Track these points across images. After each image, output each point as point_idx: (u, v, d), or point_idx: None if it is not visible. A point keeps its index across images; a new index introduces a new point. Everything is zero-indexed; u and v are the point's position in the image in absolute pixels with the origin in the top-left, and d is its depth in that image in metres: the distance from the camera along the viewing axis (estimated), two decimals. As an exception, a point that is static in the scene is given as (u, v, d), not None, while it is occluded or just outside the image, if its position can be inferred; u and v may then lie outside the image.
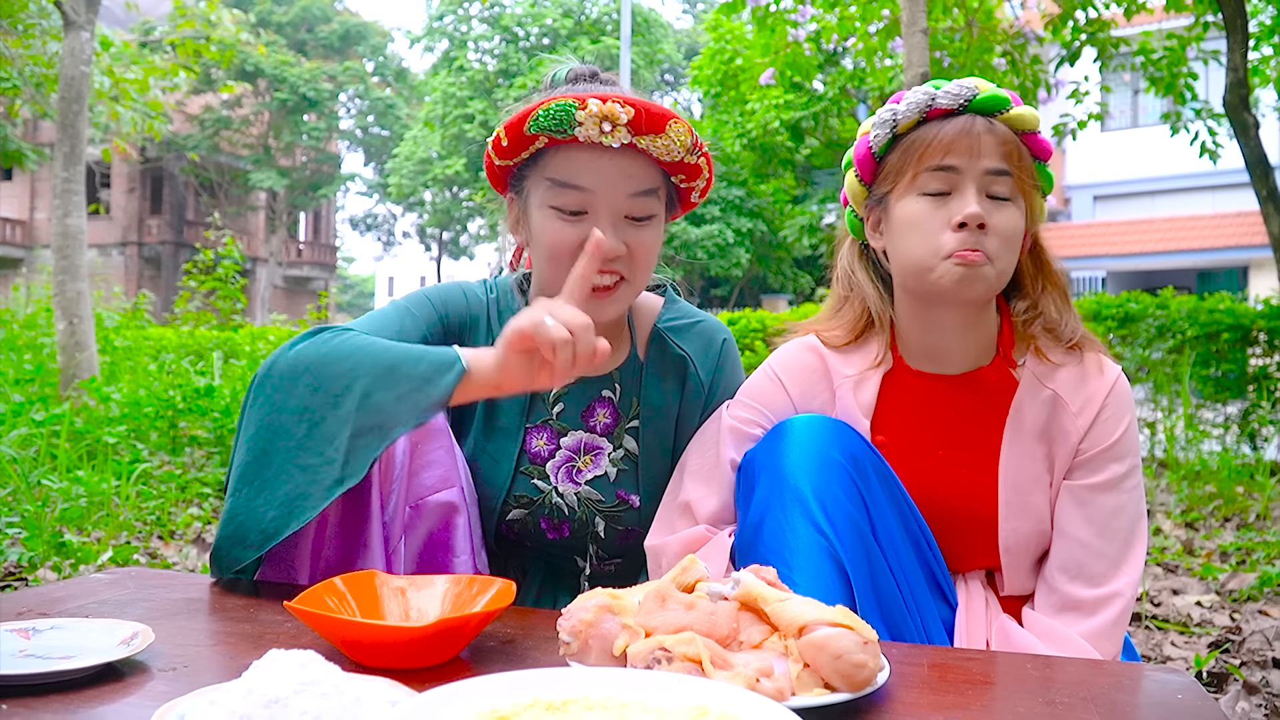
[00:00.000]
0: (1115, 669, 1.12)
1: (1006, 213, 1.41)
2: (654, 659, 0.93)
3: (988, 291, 1.43)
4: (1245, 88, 6.11)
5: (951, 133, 1.41)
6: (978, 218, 1.38)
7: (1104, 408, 1.44)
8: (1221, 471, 5.42)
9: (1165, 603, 3.07)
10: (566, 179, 1.43)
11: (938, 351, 1.52)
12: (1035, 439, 1.46)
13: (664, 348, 1.63)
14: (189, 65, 8.92)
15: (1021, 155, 1.42)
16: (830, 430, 1.35)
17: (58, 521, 3.63)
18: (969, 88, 1.42)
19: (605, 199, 1.43)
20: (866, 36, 7.68)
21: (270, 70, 31.11)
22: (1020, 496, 1.45)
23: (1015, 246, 1.43)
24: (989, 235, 1.39)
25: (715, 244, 23.04)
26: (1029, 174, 1.43)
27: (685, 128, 1.42)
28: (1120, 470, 1.44)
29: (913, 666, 1.08)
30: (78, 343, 6.47)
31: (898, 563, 1.35)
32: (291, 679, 0.81)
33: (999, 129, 1.41)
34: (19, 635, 1.07)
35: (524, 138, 1.43)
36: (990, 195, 1.40)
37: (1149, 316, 6.72)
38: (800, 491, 1.30)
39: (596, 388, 1.62)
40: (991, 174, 1.40)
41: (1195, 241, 21.24)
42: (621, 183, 1.43)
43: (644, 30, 28.69)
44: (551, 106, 1.38)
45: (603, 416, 1.62)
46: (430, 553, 1.45)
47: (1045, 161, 1.47)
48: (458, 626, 1.03)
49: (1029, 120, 1.43)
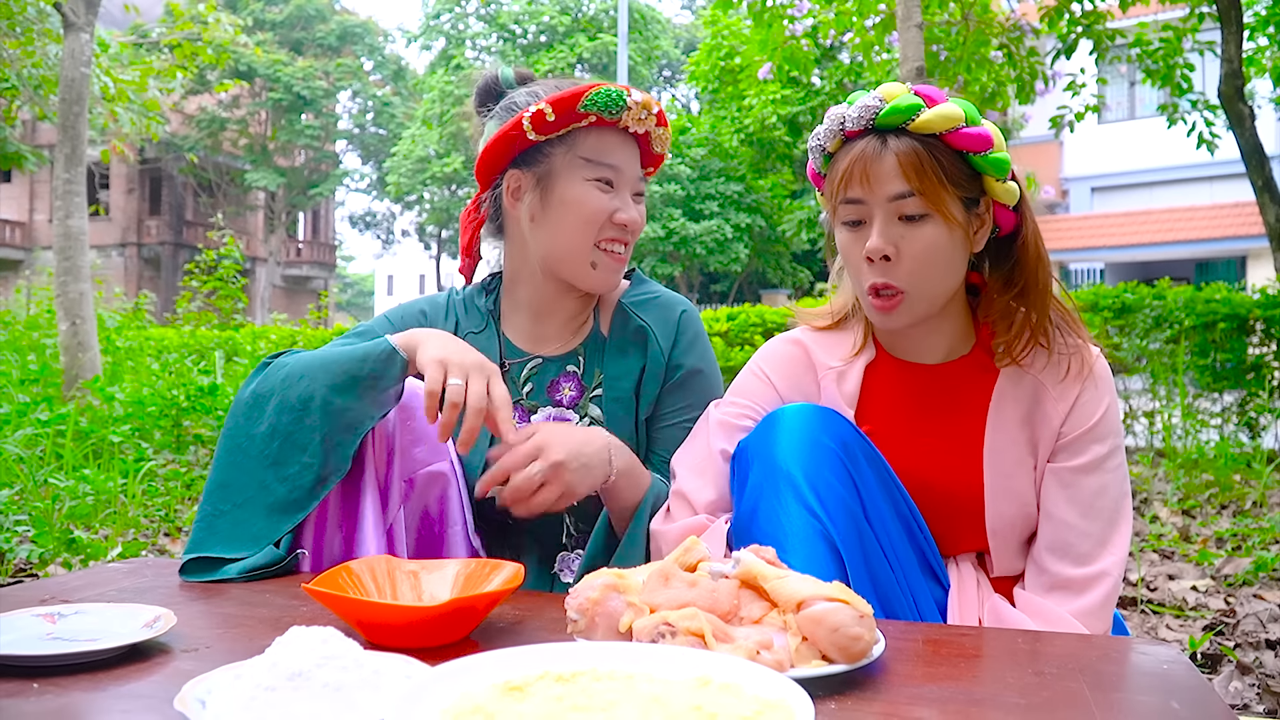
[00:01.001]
0: (1103, 642, 1.16)
1: (919, 233, 1.40)
2: (658, 633, 0.97)
3: (913, 320, 1.45)
4: (1240, 78, 6.15)
5: (849, 162, 1.41)
6: (878, 251, 1.40)
7: (1083, 390, 1.47)
8: (1219, 460, 5.45)
9: (1161, 588, 3.11)
10: (601, 158, 1.62)
11: (909, 347, 1.55)
12: (1018, 425, 1.49)
13: (626, 320, 1.72)
14: (184, 66, 8.95)
15: (927, 168, 1.37)
16: (820, 417, 1.38)
17: (66, 519, 3.67)
18: (872, 105, 1.40)
19: (627, 176, 1.65)
20: (863, 31, 7.70)
21: (264, 69, 31.09)
22: (1005, 481, 1.48)
23: (937, 265, 1.41)
24: (900, 263, 1.40)
25: (714, 239, 23.07)
26: (947, 183, 1.39)
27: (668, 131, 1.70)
28: (1102, 451, 1.46)
29: (907, 641, 1.12)
30: (80, 343, 6.50)
31: (890, 544, 1.39)
32: (313, 653, 0.85)
33: (900, 145, 1.38)
34: (45, 620, 1.11)
35: (573, 114, 1.58)
36: (903, 217, 1.40)
37: (1146, 307, 6.75)
38: (792, 476, 1.33)
39: (561, 364, 1.72)
40: (896, 198, 1.39)
41: (1193, 232, 21.27)
42: (632, 164, 1.67)
43: (641, 26, 28.71)
44: (604, 91, 1.57)
45: (568, 390, 1.71)
46: (428, 525, 1.53)
47: (982, 152, 1.40)
48: (469, 607, 1.07)
49: (941, 122, 1.38)
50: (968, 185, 1.42)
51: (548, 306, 1.72)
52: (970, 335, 1.55)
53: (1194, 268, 21.99)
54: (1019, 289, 1.48)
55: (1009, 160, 1.42)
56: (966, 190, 1.42)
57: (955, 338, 1.54)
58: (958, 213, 1.40)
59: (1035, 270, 1.47)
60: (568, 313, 1.72)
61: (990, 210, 1.46)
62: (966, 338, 1.54)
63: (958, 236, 1.42)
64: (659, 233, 22.76)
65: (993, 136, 1.40)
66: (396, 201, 33.84)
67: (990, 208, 1.45)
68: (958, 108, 1.39)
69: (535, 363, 1.72)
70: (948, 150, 1.39)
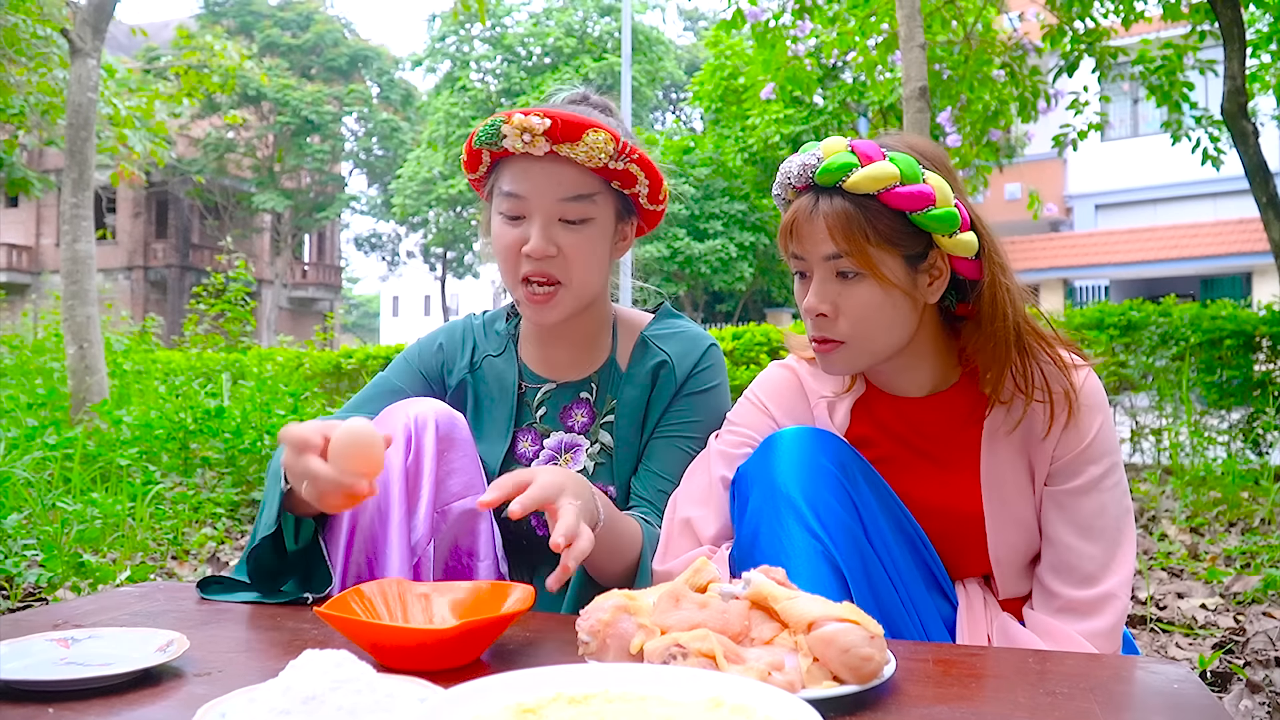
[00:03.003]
0: (1114, 661, 1.16)
1: (855, 291, 1.40)
2: (670, 655, 0.97)
3: (856, 368, 1.47)
4: (1243, 95, 6.15)
5: (789, 219, 1.43)
6: (812, 310, 1.42)
7: (1072, 413, 1.45)
8: (1226, 477, 5.43)
9: (1170, 606, 3.10)
10: (506, 187, 1.57)
11: (892, 382, 1.55)
12: (1013, 450, 1.48)
13: (646, 351, 1.71)
14: (192, 93, 9.00)
15: (855, 230, 1.36)
16: (817, 439, 1.39)
17: (75, 543, 3.68)
18: (810, 164, 1.40)
19: (536, 203, 1.55)
20: (866, 51, 7.74)
21: (272, 94, 31.28)
22: (1005, 507, 1.48)
23: (876, 322, 1.41)
24: (838, 319, 1.42)
25: (718, 259, 23.12)
26: (882, 243, 1.37)
27: (608, 136, 1.51)
28: (1097, 472, 1.45)
29: (917, 661, 1.12)
30: (88, 367, 6.51)
31: (892, 564, 1.39)
32: (327, 676, 0.85)
33: (830, 206, 1.38)
34: (59, 644, 1.11)
35: (474, 154, 1.60)
36: (839, 274, 1.40)
37: (1152, 324, 6.74)
38: (793, 499, 1.33)
39: (575, 391, 1.73)
40: (829, 258, 1.40)
41: (1198, 249, 21.25)
42: (550, 188, 1.54)
43: (645, 48, 28.86)
44: (485, 124, 1.54)
45: (580, 416, 1.72)
46: (456, 558, 1.52)
47: (919, 210, 1.37)
48: (480, 629, 1.07)
49: (870, 183, 1.36)
50: (909, 242, 1.40)
51: (550, 334, 1.72)
52: (955, 366, 1.54)
53: (1199, 284, 21.97)
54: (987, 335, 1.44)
55: (956, 214, 1.38)
56: (909, 247, 1.40)
57: (937, 371, 1.53)
58: (894, 272, 1.39)
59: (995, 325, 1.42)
60: (573, 340, 1.72)
61: (945, 260, 1.43)
62: (950, 369, 1.53)
63: (896, 295, 1.41)
64: (663, 252, 22.82)
65: (933, 193, 1.37)
66: (401, 223, 33.97)
67: (944, 258, 1.43)
68: (891, 167, 1.36)
69: (549, 387, 1.73)
70: (884, 209, 1.38)
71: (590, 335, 1.73)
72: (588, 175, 1.56)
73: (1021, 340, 1.43)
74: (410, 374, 1.76)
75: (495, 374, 1.74)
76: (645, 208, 1.66)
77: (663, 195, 1.64)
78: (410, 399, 1.56)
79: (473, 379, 1.74)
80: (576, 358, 1.74)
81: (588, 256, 1.58)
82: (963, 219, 1.40)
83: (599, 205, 1.58)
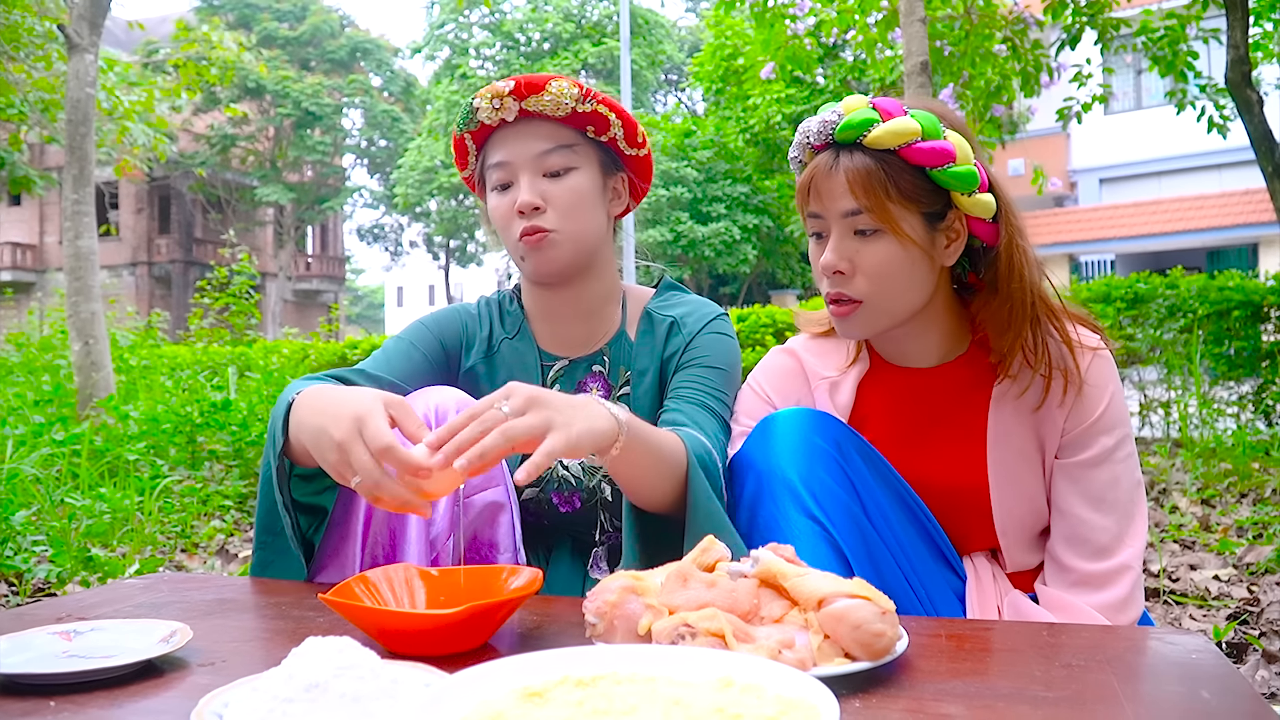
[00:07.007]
0: (1130, 633, 1.14)
1: (873, 248, 1.39)
2: (678, 635, 0.96)
3: (873, 329, 1.45)
4: (1247, 64, 6.10)
5: (807, 177, 1.42)
6: (830, 266, 1.41)
7: (1084, 383, 1.44)
8: (1237, 448, 5.41)
9: (1183, 578, 3.08)
10: (491, 159, 1.63)
11: (901, 352, 1.54)
12: (1021, 421, 1.47)
13: (652, 320, 1.71)
14: (191, 87, 8.98)
15: (876, 185, 1.36)
16: (812, 420, 1.37)
17: (83, 538, 3.68)
18: (830, 120, 1.39)
19: (520, 164, 1.60)
20: (866, 28, 7.69)
21: (272, 87, 31.23)
22: (1011, 479, 1.47)
23: (893, 280, 1.40)
24: (855, 277, 1.41)
25: (722, 241, 23.07)
26: (901, 199, 1.37)
27: (570, 83, 1.57)
28: (1109, 443, 1.44)
29: (930, 637, 1.11)
30: (94, 363, 6.52)
31: (895, 540, 1.37)
32: (330, 664, 0.84)
33: (851, 161, 1.37)
34: (61, 638, 1.10)
35: (462, 147, 1.68)
36: (857, 231, 1.40)
37: (1159, 297, 6.70)
38: (789, 481, 1.32)
39: (587, 365, 1.72)
40: (848, 214, 1.39)
41: (1204, 221, 21.15)
42: (529, 145, 1.60)
43: (645, 31, 28.72)
44: (462, 110, 1.63)
45: (595, 390, 1.71)
46: (476, 549, 1.51)
47: (940, 166, 1.37)
48: (486, 612, 1.06)
49: (892, 138, 1.36)
50: (929, 200, 1.39)
51: (554, 310, 1.72)
52: (965, 335, 1.52)
53: (1205, 256, 21.87)
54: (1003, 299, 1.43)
55: (975, 173, 1.38)
56: (928, 205, 1.40)
57: (948, 340, 1.52)
58: (914, 229, 1.39)
59: (1012, 287, 1.42)
60: (581, 311, 1.71)
61: (963, 222, 1.42)
62: (961, 338, 1.52)
63: (915, 253, 1.40)
64: (667, 236, 22.77)
65: (954, 150, 1.37)
66: (404, 213, 33.93)
67: (962, 219, 1.42)
68: (913, 122, 1.36)
69: (562, 364, 1.73)
70: (904, 165, 1.37)
71: (597, 306, 1.72)
72: (561, 127, 1.60)
73: (1034, 309, 1.42)
74: (429, 340, 1.72)
75: (516, 355, 1.73)
76: (626, 152, 1.67)
77: (641, 137, 1.67)
78: (429, 388, 1.53)
79: (488, 364, 1.73)
80: (586, 331, 1.72)
81: (576, 202, 1.61)
82: (982, 179, 1.40)
83: (579, 154, 1.62)
